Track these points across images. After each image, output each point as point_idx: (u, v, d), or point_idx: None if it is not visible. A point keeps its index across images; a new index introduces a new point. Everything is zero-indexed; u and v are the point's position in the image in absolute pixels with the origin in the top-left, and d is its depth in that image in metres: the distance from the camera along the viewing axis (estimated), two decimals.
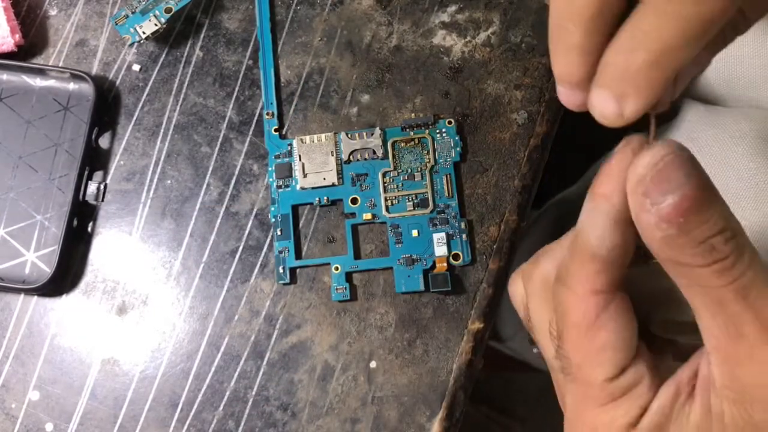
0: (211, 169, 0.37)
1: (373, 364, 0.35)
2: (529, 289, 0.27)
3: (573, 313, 0.24)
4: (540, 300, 0.27)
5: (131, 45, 0.38)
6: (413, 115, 0.37)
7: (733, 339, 0.22)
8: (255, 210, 0.37)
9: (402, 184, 0.36)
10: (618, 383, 0.24)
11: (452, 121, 0.37)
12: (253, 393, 0.35)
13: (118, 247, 0.37)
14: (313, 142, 0.37)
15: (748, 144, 0.35)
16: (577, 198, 0.48)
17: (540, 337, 0.27)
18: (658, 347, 0.26)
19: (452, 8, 0.38)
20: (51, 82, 0.38)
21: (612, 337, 0.23)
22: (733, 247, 0.21)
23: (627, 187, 0.22)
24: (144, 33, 0.37)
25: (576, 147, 0.62)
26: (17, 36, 0.38)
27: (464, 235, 0.35)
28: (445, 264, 0.35)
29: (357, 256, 0.36)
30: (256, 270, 0.36)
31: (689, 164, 0.21)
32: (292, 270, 0.36)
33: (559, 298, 0.24)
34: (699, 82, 0.46)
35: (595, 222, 0.22)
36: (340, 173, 0.37)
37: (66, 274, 0.36)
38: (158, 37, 0.39)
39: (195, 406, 0.35)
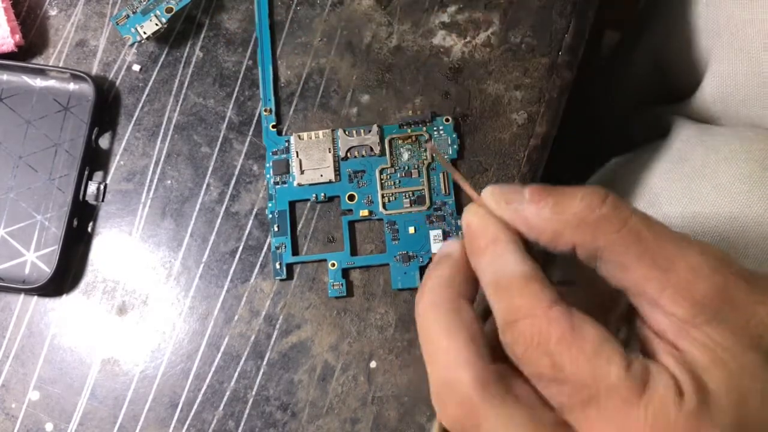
0: (211, 169, 0.37)
1: (373, 364, 0.35)
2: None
3: (550, 333, 0.24)
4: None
5: (132, 45, 0.38)
6: (412, 114, 0.37)
7: (665, 268, 0.24)
8: (255, 210, 0.37)
9: (399, 181, 0.36)
10: (637, 367, 0.23)
11: (449, 118, 0.37)
12: (253, 393, 0.35)
13: (118, 247, 0.37)
14: (310, 138, 0.37)
15: (739, 166, 0.35)
16: None
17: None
18: None
19: (452, 8, 0.38)
20: (51, 83, 0.38)
21: (598, 332, 0.24)
22: (605, 190, 0.25)
23: (499, 212, 0.26)
24: (145, 33, 0.37)
25: (575, 155, 0.62)
26: (17, 36, 0.38)
27: (461, 233, 0.36)
28: None
29: (354, 252, 0.36)
30: (256, 270, 0.36)
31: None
32: (289, 266, 0.36)
33: (529, 338, 0.24)
34: (694, 99, 0.46)
35: (507, 257, 0.26)
36: (337, 170, 0.37)
37: (66, 274, 0.36)
38: (158, 38, 0.39)
39: (195, 406, 0.35)
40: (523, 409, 0.24)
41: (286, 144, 0.37)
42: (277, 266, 0.36)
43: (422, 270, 0.35)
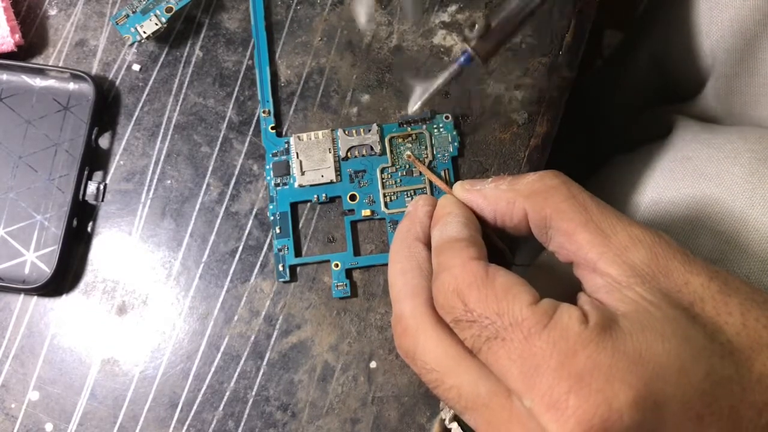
0: (210, 169, 0.37)
1: (373, 364, 0.35)
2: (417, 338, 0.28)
3: (464, 280, 0.26)
4: (434, 331, 0.28)
5: (131, 45, 0.38)
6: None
7: (607, 234, 0.26)
8: (255, 210, 0.37)
9: (400, 180, 0.36)
10: (544, 303, 0.25)
11: (449, 116, 0.37)
12: (253, 393, 0.35)
13: (118, 247, 0.37)
14: (310, 139, 0.37)
15: (742, 164, 0.36)
16: None
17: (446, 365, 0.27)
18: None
19: (452, 8, 0.38)
20: (51, 82, 0.38)
21: (510, 278, 0.26)
22: (559, 172, 0.28)
23: (463, 194, 0.31)
24: (144, 33, 0.37)
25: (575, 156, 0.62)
26: (17, 36, 0.38)
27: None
28: None
29: (357, 252, 0.36)
30: (256, 270, 0.36)
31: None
32: (292, 268, 0.36)
33: (447, 285, 0.27)
34: (697, 100, 0.46)
35: (451, 225, 0.29)
36: (338, 170, 0.37)
37: (66, 274, 0.36)
38: (158, 37, 0.39)
39: (195, 407, 0.35)
40: (451, 336, 0.27)
41: (286, 145, 0.37)
42: (281, 268, 0.36)
43: None
